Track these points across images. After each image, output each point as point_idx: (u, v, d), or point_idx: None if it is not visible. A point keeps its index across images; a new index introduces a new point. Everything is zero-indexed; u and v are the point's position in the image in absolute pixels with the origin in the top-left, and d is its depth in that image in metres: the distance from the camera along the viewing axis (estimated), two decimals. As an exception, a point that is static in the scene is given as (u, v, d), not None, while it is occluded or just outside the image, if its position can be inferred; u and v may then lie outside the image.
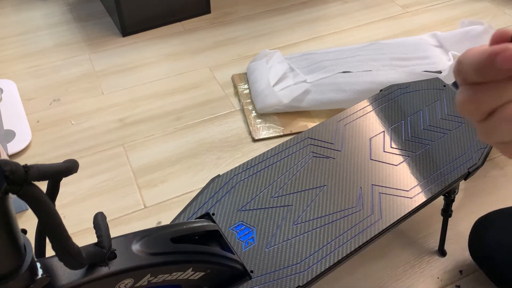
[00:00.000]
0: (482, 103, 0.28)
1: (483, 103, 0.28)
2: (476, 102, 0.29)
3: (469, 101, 0.29)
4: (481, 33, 1.54)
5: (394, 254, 1.05)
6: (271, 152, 0.93)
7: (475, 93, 0.29)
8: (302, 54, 1.57)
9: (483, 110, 0.29)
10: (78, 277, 0.52)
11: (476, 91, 0.29)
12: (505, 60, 0.26)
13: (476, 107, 0.29)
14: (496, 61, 0.26)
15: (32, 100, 1.47)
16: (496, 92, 0.28)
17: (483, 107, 0.29)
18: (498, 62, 0.26)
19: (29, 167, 0.41)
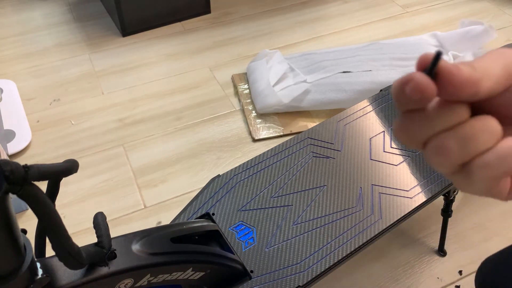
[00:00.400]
0: (411, 133, 0.27)
1: (412, 133, 0.27)
2: (406, 131, 0.27)
3: (400, 130, 0.28)
4: (481, 33, 1.54)
5: (394, 254, 1.05)
6: (271, 152, 0.93)
7: (405, 122, 0.27)
8: (302, 54, 1.57)
9: (415, 140, 0.27)
10: (78, 277, 0.52)
11: (406, 120, 0.27)
12: (412, 90, 0.25)
13: (407, 137, 0.27)
14: (405, 91, 0.25)
15: (32, 100, 1.47)
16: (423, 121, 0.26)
17: (414, 137, 0.27)
18: (406, 92, 0.25)
19: (29, 167, 0.41)
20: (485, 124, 0.26)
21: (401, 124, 0.28)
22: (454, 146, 0.25)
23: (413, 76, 0.25)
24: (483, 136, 0.25)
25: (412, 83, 0.25)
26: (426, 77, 0.25)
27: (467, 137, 0.25)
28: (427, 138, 0.27)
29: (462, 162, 0.26)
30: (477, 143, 0.25)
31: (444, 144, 0.26)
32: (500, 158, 0.25)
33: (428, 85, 0.25)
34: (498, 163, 0.25)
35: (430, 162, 0.27)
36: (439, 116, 0.26)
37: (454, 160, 0.26)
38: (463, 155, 0.25)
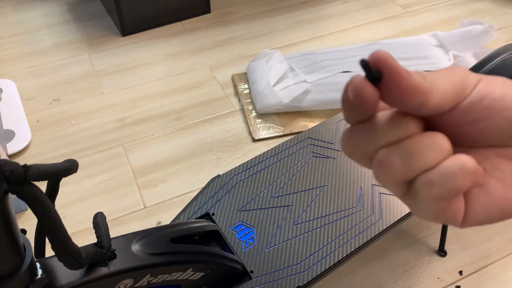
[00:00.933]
0: (356, 145, 0.26)
1: (358, 146, 0.26)
2: (352, 144, 0.26)
3: (346, 143, 0.26)
4: (482, 33, 1.54)
5: (394, 254, 1.05)
6: (271, 152, 0.92)
7: (351, 134, 0.26)
8: (302, 54, 1.57)
9: (361, 154, 0.26)
10: (78, 277, 0.52)
11: (352, 132, 0.26)
12: (353, 94, 0.24)
13: (353, 150, 0.26)
14: (349, 97, 0.24)
15: (32, 100, 1.47)
16: (369, 134, 0.25)
17: (359, 150, 0.26)
18: (350, 97, 0.24)
19: (29, 167, 0.41)
20: (432, 140, 0.24)
21: (347, 136, 0.26)
22: (397, 161, 0.24)
23: (351, 80, 0.24)
24: (429, 152, 0.24)
25: (351, 86, 0.24)
26: (363, 79, 0.24)
27: (412, 152, 0.24)
28: (372, 152, 0.25)
29: (406, 179, 0.25)
30: (421, 159, 0.24)
31: (387, 158, 0.25)
32: (444, 176, 0.23)
33: (366, 87, 0.24)
34: (441, 181, 0.23)
35: (376, 178, 0.26)
36: (386, 129, 0.25)
37: (397, 176, 0.24)
38: (406, 172, 0.24)
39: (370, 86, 0.24)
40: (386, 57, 0.24)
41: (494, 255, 1.05)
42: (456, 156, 0.24)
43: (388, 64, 0.24)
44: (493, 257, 1.05)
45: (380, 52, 0.24)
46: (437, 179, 0.24)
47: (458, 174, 0.24)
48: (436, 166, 0.24)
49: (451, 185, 0.24)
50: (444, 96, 0.25)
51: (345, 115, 0.26)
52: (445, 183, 0.24)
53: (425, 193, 0.24)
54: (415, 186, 0.24)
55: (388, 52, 0.24)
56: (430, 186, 0.24)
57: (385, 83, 0.24)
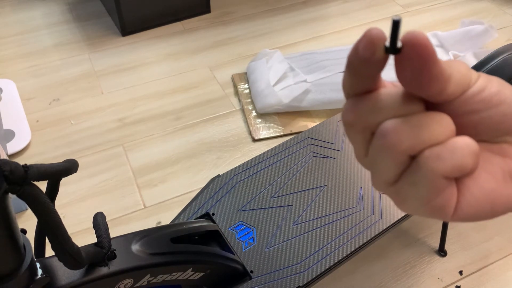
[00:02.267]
0: (360, 114, 0.25)
1: (363, 115, 0.25)
2: (354, 112, 0.26)
3: (348, 111, 0.26)
4: (482, 33, 1.54)
5: (395, 254, 1.05)
6: (271, 152, 0.92)
7: (354, 103, 0.26)
8: (302, 54, 1.57)
9: (363, 125, 0.26)
10: (78, 277, 0.52)
11: (358, 101, 0.26)
12: (365, 45, 0.23)
13: (355, 119, 0.26)
14: (359, 50, 0.24)
15: (31, 100, 1.47)
16: (377, 104, 0.25)
17: (362, 120, 0.25)
18: (360, 50, 0.24)
19: (29, 167, 0.41)
20: (440, 117, 0.25)
21: (351, 104, 0.26)
22: (406, 131, 0.24)
23: (368, 30, 0.23)
24: (438, 127, 0.24)
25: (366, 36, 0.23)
26: (381, 31, 0.23)
27: (421, 125, 0.24)
28: (377, 123, 0.25)
29: (411, 152, 0.24)
30: (430, 132, 0.24)
31: (396, 127, 0.24)
32: (452, 151, 0.23)
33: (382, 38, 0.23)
34: (449, 156, 0.23)
35: (375, 151, 0.25)
36: (394, 101, 0.25)
37: (404, 146, 0.24)
38: (413, 143, 0.24)
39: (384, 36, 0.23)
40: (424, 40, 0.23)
41: (494, 255, 1.05)
42: (462, 136, 0.24)
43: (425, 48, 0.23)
44: (493, 257, 1.05)
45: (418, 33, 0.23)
46: (445, 154, 0.23)
47: (465, 152, 0.24)
48: (443, 142, 0.24)
49: (458, 162, 0.24)
50: (457, 86, 0.25)
51: (347, 81, 0.26)
52: (453, 158, 0.23)
53: (430, 167, 0.24)
54: (420, 160, 0.24)
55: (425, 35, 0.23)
56: (437, 160, 0.23)
57: (414, 64, 0.23)
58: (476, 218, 0.26)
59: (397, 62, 0.24)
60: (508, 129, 0.26)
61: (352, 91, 0.26)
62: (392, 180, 0.25)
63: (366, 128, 0.26)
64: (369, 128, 0.26)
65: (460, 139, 0.24)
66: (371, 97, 0.25)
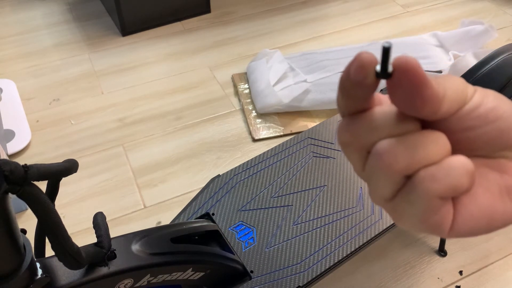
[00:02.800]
0: (356, 134, 0.25)
1: (357, 135, 0.25)
2: (350, 132, 0.26)
3: (344, 131, 0.26)
4: (482, 33, 1.54)
5: (395, 255, 1.05)
6: (271, 152, 0.92)
7: (349, 122, 0.26)
8: (302, 54, 1.57)
9: (359, 145, 0.26)
10: (78, 277, 0.52)
11: (353, 120, 0.26)
12: (356, 69, 0.23)
13: (351, 139, 0.26)
14: (350, 73, 0.24)
15: (31, 100, 1.47)
16: (371, 123, 0.25)
17: (358, 140, 0.26)
18: (351, 73, 0.24)
19: (29, 167, 0.41)
20: (436, 136, 0.24)
21: (346, 124, 0.26)
22: (401, 151, 0.24)
23: (359, 54, 0.24)
24: (433, 147, 0.24)
25: (356, 61, 0.24)
26: (371, 55, 0.23)
27: (417, 144, 0.24)
28: (372, 142, 0.25)
29: (407, 172, 0.24)
30: (425, 152, 0.24)
31: (391, 147, 0.24)
32: (447, 171, 0.23)
33: (372, 62, 0.23)
34: (444, 176, 0.23)
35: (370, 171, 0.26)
36: (389, 121, 0.25)
37: (399, 166, 0.24)
38: (408, 163, 0.24)
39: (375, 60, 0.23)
40: (414, 65, 0.23)
41: (494, 255, 1.05)
42: (457, 156, 0.24)
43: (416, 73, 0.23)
44: (493, 257, 1.05)
45: (408, 59, 0.23)
46: (440, 174, 0.23)
47: (460, 172, 0.23)
48: (439, 162, 0.24)
49: (453, 182, 0.23)
50: (452, 104, 0.25)
51: (341, 102, 0.26)
52: (448, 179, 0.23)
53: (425, 188, 0.24)
54: (415, 180, 0.24)
55: (415, 59, 0.23)
56: (432, 180, 0.23)
57: (406, 89, 0.24)
58: (472, 234, 0.26)
59: (389, 85, 0.24)
60: (505, 145, 0.26)
61: (346, 111, 0.26)
62: (389, 197, 0.26)
63: (362, 147, 0.26)
64: (365, 147, 0.26)
65: (455, 159, 0.24)
66: (365, 117, 0.25)
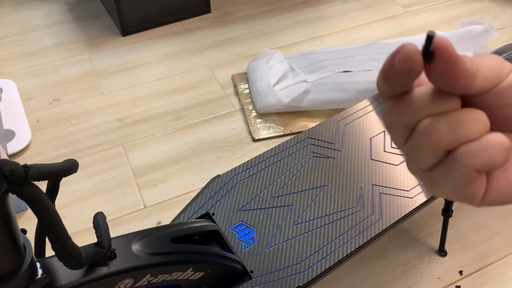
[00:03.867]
0: (402, 115, 0.27)
1: (403, 115, 0.27)
2: (396, 113, 0.27)
3: (390, 112, 0.28)
4: (482, 33, 1.54)
5: (395, 254, 1.05)
6: (271, 152, 0.92)
7: (394, 104, 0.27)
8: (302, 54, 1.57)
9: (404, 124, 0.27)
10: (78, 277, 0.52)
11: (396, 102, 0.27)
12: (401, 60, 0.25)
13: (397, 119, 0.27)
14: (395, 64, 0.25)
15: (31, 100, 1.47)
16: (415, 103, 0.27)
17: (404, 120, 0.27)
18: (396, 64, 0.25)
19: (29, 167, 0.41)
20: (477, 114, 0.26)
21: (391, 105, 0.28)
22: (445, 129, 0.26)
23: (403, 45, 0.25)
24: (474, 125, 0.26)
25: (401, 52, 0.25)
26: (415, 47, 0.25)
27: (459, 123, 0.26)
28: (417, 121, 0.27)
29: (448, 147, 0.26)
30: (467, 130, 0.26)
31: (436, 125, 0.26)
32: (485, 148, 0.25)
33: (417, 53, 0.25)
34: (482, 152, 0.25)
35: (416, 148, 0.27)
36: (433, 100, 0.27)
37: (441, 143, 0.26)
38: (451, 140, 0.26)
39: (419, 55, 0.25)
40: (447, 44, 0.25)
41: (494, 255, 1.05)
42: (495, 133, 0.26)
43: (448, 51, 0.25)
44: (493, 257, 1.05)
45: (442, 39, 0.25)
46: (479, 151, 0.25)
47: (498, 149, 0.26)
48: (478, 139, 0.26)
49: (491, 158, 0.26)
50: (485, 80, 0.27)
51: (384, 87, 0.27)
52: (486, 155, 0.25)
53: (464, 162, 0.26)
54: (455, 155, 0.26)
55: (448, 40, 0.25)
56: (471, 156, 0.25)
57: (441, 66, 0.25)
58: (500, 204, 0.28)
59: (426, 66, 0.26)
60: None
61: (390, 94, 0.28)
62: (427, 168, 0.28)
63: (406, 126, 0.27)
64: (409, 125, 0.27)
65: (493, 136, 0.26)
66: (409, 98, 0.27)
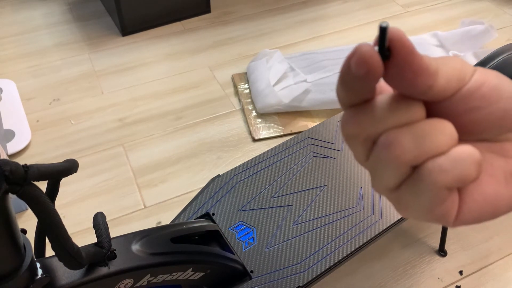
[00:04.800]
0: (361, 126, 0.25)
1: (362, 126, 0.25)
2: (355, 124, 0.25)
3: (348, 123, 0.25)
4: (482, 33, 1.54)
5: (395, 254, 1.05)
6: (271, 152, 0.92)
7: (353, 114, 0.25)
8: (302, 54, 1.57)
9: (364, 136, 0.25)
10: (78, 277, 0.52)
11: (355, 112, 0.25)
12: (357, 63, 0.23)
13: (356, 131, 0.25)
14: (351, 68, 0.23)
15: (31, 100, 1.47)
16: (376, 113, 0.24)
17: (364, 132, 0.25)
18: (353, 68, 0.23)
19: (29, 167, 0.41)
20: (443, 125, 0.24)
21: (350, 115, 0.25)
22: (409, 142, 0.23)
23: (358, 47, 0.23)
24: (440, 136, 0.23)
25: (356, 54, 0.23)
26: (371, 47, 0.22)
27: (424, 135, 0.23)
28: (377, 133, 0.24)
29: (413, 163, 0.24)
30: (433, 142, 0.23)
31: (398, 138, 0.24)
32: (455, 162, 0.23)
33: (374, 55, 0.22)
34: (452, 167, 0.23)
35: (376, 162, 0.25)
36: (395, 110, 0.24)
37: (405, 158, 0.23)
38: (416, 154, 0.23)
39: (377, 56, 0.23)
40: (401, 35, 0.23)
41: (494, 255, 1.05)
42: (464, 145, 0.24)
43: (403, 42, 0.23)
44: (493, 257, 1.05)
45: (395, 30, 0.23)
46: (447, 165, 0.23)
47: (468, 162, 0.23)
48: (446, 152, 0.23)
49: (461, 173, 0.23)
50: (448, 80, 0.24)
51: (342, 95, 0.25)
52: (455, 170, 0.23)
53: (432, 178, 0.23)
54: (422, 171, 0.24)
55: (402, 31, 0.23)
56: (439, 171, 0.23)
57: (397, 62, 0.23)
58: (478, 222, 0.26)
59: None
60: (510, 126, 0.26)
61: (349, 103, 0.25)
62: (393, 187, 0.25)
63: (367, 139, 0.25)
64: (370, 138, 0.25)
65: (462, 149, 0.23)
66: (368, 107, 0.25)
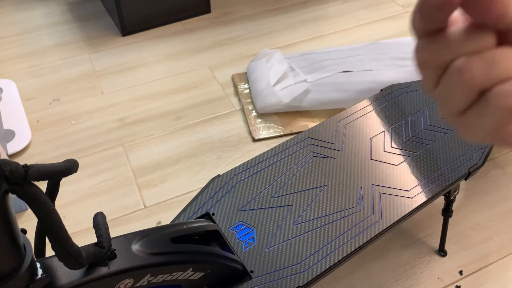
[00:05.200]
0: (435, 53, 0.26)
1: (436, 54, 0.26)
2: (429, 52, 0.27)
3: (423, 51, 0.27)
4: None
5: (395, 254, 1.05)
6: (271, 152, 0.92)
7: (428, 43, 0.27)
8: (302, 54, 1.57)
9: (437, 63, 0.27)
10: (78, 277, 0.52)
11: (429, 40, 0.27)
12: None
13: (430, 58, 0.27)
14: None
15: (32, 100, 1.47)
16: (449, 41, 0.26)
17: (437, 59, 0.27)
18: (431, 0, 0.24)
19: (29, 167, 0.41)
20: None
21: (424, 44, 0.27)
22: (480, 68, 0.25)
23: None
24: (510, 63, 0.25)
25: None
26: None
27: (494, 61, 0.25)
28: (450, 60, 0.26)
29: (483, 87, 0.25)
30: (502, 69, 0.25)
31: (470, 64, 0.25)
32: None
33: None
34: None
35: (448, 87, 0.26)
36: (467, 38, 0.26)
37: (475, 82, 0.25)
38: (485, 80, 0.25)
39: None
40: None
41: (494, 255, 1.05)
42: None
43: None
44: (493, 257, 1.05)
45: None
46: None
47: None
48: None
49: None
50: None
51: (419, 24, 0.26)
52: None
53: (498, 102, 0.25)
54: (490, 96, 0.25)
55: None
56: (506, 97, 0.24)
57: None
58: None
59: None
60: None
61: (424, 31, 0.27)
62: (460, 111, 0.27)
63: (439, 65, 0.27)
64: (442, 65, 0.26)
65: None
66: (443, 35, 0.26)
